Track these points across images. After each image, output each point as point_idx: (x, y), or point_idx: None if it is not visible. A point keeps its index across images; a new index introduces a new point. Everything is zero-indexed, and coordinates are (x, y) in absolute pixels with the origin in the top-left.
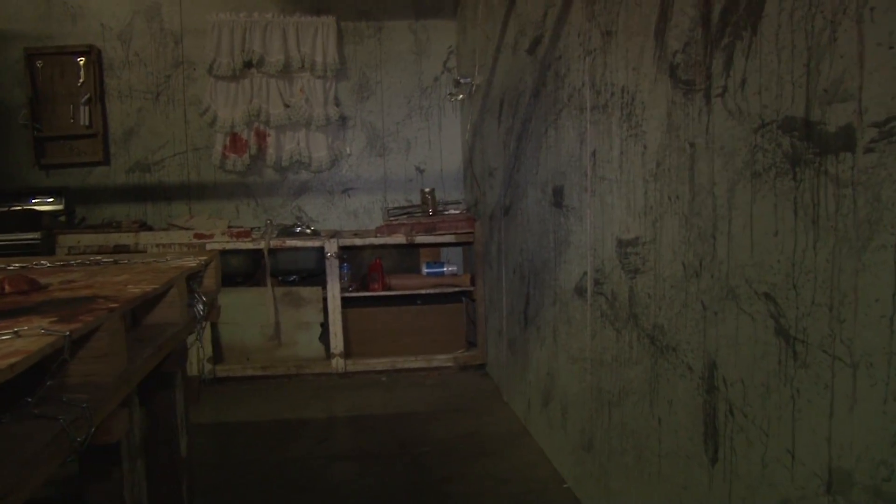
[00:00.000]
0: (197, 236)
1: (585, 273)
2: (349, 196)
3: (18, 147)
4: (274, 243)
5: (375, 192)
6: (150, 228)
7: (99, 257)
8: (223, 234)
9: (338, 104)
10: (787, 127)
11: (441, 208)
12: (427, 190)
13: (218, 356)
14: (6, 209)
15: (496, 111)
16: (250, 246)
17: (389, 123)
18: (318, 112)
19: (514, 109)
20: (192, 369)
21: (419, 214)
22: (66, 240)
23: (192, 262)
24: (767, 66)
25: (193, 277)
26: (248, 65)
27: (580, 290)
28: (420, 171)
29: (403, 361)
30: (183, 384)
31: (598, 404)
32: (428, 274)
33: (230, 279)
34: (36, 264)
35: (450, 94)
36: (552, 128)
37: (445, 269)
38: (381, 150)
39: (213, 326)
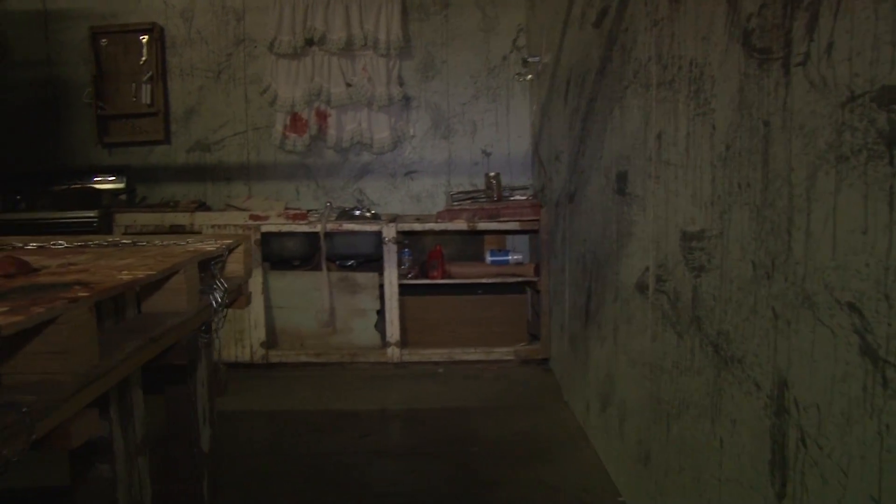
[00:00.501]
0: (252, 217)
1: (647, 268)
2: (412, 179)
3: (83, 125)
4: (330, 227)
5: (439, 176)
6: (209, 209)
7: (125, 238)
8: (279, 215)
9: (401, 84)
10: (883, 99)
11: (507, 194)
12: (492, 174)
13: (272, 340)
14: (66, 187)
15: (563, 91)
16: (306, 229)
17: (455, 104)
18: (381, 92)
19: (580, 89)
20: (245, 353)
21: (483, 200)
22: (123, 219)
23: (210, 245)
24: (861, 26)
25: (214, 262)
26: (309, 42)
27: (641, 287)
28: (486, 154)
29: (462, 353)
30: (205, 375)
31: (657, 415)
32: (492, 262)
33: (287, 262)
34: (53, 244)
35: (518, 73)
36: (617, 107)
37: (510, 257)
38: (446, 131)
39: (267, 310)
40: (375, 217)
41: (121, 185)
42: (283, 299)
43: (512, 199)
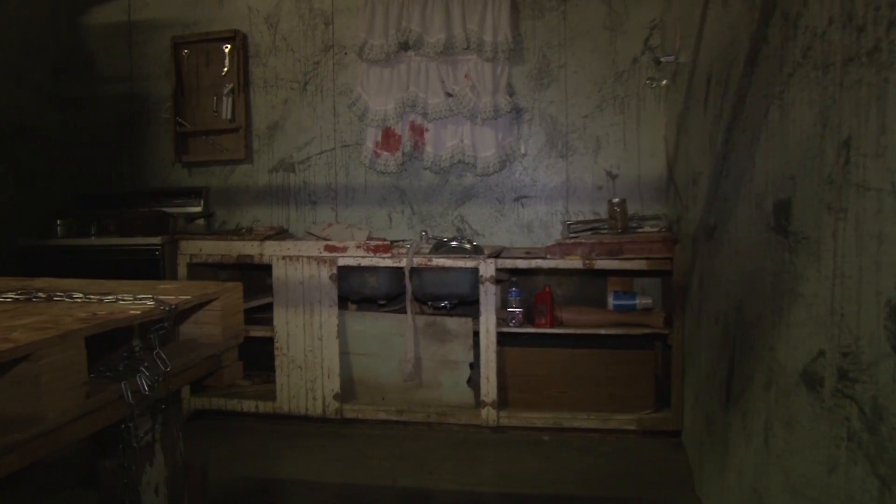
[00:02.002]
0: (328, 248)
1: (822, 352)
2: (522, 206)
3: (163, 143)
4: (418, 261)
5: (555, 202)
6: (289, 236)
7: (43, 291)
8: (358, 246)
9: (511, 93)
10: None
11: (635, 224)
12: (616, 201)
13: (347, 392)
14: (137, 211)
15: (702, 94)
16: (389, 263)
17: (574, 117)
18: (486, 102)
19: (724, 87)
20: (316, 406)
21: (606, 231)
22: (189, 247)
23: (136, 309)
24: None
25: (156, 328)
26: (404, 46)
27: (812, 380)
28: (612, 176)
29: (572, 418)
30: (162, 480)
31: None
32: (616, 307)
33: (370, 301)
34: None
35: (650, 79)
36: (775, 106)
37: (638, 301)
38: (564, 149)
39: (343, 357)
40: (476, 250)
41: (197, 209)
42: (362, 345)
43: (640, 231)
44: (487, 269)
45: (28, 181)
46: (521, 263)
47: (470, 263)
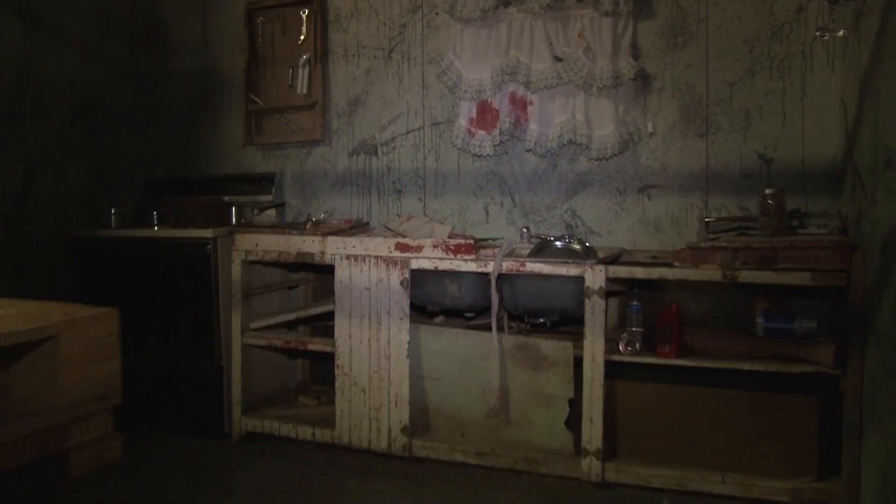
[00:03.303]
0: (399, 248)
1: None
2: (648, 198)
3: (235, 122)
4: (508, 266)
5: (690, 194)
6: (370, 230)
7: None
8: (435, 246)
9: (635, 55)
10: None
11: (795, 224)
12: (770, 192)
13: (419, 425)
14: (190, 199)
15: None
16: (473, 267)
17: (717, 84)
18: (604, 67)
19: None
20: (381, 439)
21: (755, 233)
22: (244, 241)
23: None
24: None
25: None
26: (503, 2)
27: None
28: (766, 160)
29: (701, 480)
30: None
31: None
32: (767, 331)
33: (452, 314)
34: None
35: (820, 30)
36: None
37: (796, 325)
38: (703, 126)
39: (415, 381)
40: (588, 252)
41: (268, 197)
42: (438, 368)
43: (802, 232)
44: (595, 278)
45: (97, 163)
46: (640, 272)
47: (573, 271)
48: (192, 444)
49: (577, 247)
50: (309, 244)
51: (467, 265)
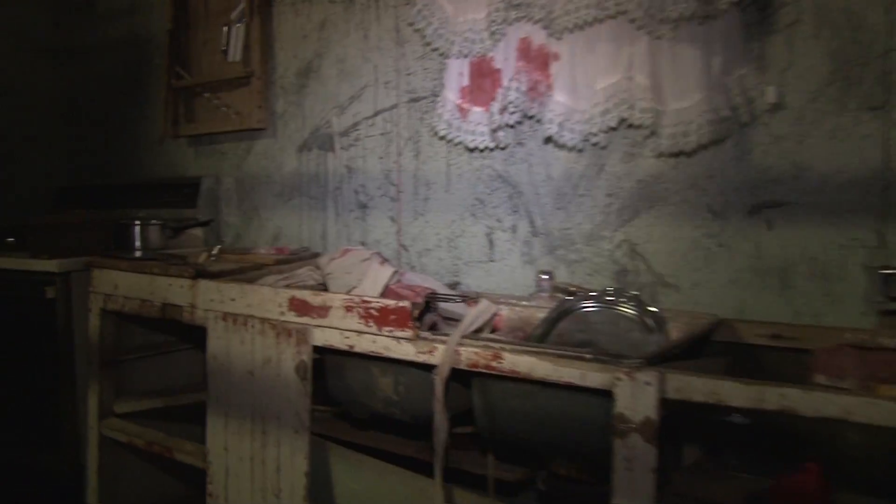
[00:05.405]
0: (295, 306)
1: None
2: (767, 225)
3: (157, 106)
4: (471, 355)
5: (852, 219)
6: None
7: None
8: (349, 308)
9: None
10: None
11: None
12: None
13: None
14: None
15: None
16: (408, 353)
17: None
18: None
19: None
20: None
21: None
22: (102, 280)
23: None
24: None
25: None
26: None
27: None
28: None
29: None
30: None
31: None
32: None
33: (393, 424)
34: None
35: None
36: None
37: None
38: (879, 91)
39: None
40: (659, 323)
41: (193, 212)
42: None
43: None
44: (635, 397)
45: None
46: (736, 393)
47: (594, 379)
48: None
49: (628, 311)
50: (176, 291)
51: (400, 347)
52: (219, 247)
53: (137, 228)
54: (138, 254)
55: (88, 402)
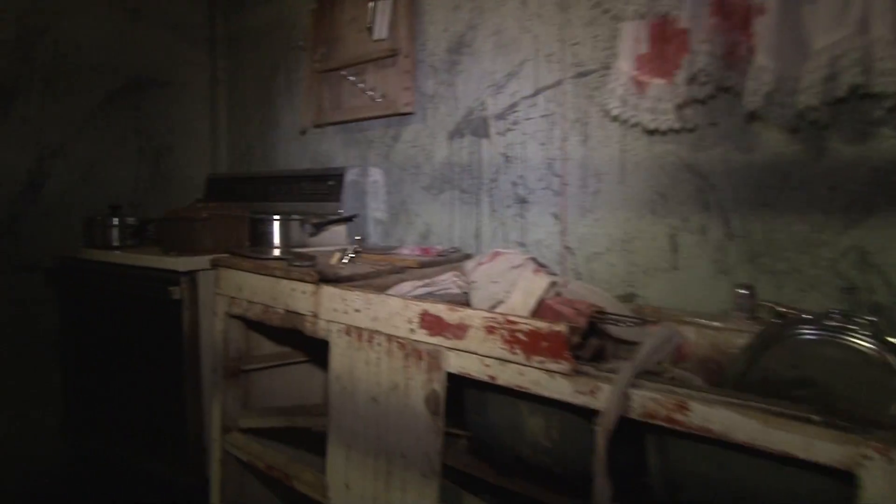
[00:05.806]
0: (427, 323)
1: None
2: None
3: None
4: (646, 405)
5: None
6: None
7: None
8: (491, 330)
9: None
10: None
11: None
12: None
13: None
14: (179, 210)
15: None
16: (563, 393)
17: None
18: None
19: None
20: None
21: None
22: (228, 281)
23: None
24: None
25: None
26: None
27: None
28: None
29: None
30: None
31: None
32: None
33: (543, 474)
34: None
35: None
36: None
37: None
38: None
39: None
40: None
41: (335, 206)
42: None
43: None
44: (895, 486)
45: (153, 154)
46: None
47: (824, 453)
48: None
49: (861, 343)
50: (298, 296)
51: (553, 383)
52: (354, 246)
53: (276, 224)
54: (276, 252)
55: (212, 413)
